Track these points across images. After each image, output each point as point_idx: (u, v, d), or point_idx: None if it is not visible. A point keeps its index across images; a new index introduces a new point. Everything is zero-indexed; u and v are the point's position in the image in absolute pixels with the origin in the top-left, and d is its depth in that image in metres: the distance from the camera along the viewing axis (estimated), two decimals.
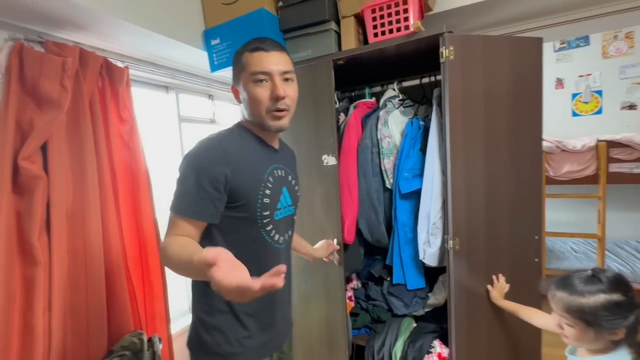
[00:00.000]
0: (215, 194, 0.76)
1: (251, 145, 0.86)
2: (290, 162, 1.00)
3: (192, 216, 0.76)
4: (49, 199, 1.02)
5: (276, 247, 0.89)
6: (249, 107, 0.84)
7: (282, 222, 0.89)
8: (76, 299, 1.10)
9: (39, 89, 0.97)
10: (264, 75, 0.80)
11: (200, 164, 0.77)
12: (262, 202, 0.83)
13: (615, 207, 2.98)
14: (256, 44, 0.83)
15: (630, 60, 3.08)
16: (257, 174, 0.83)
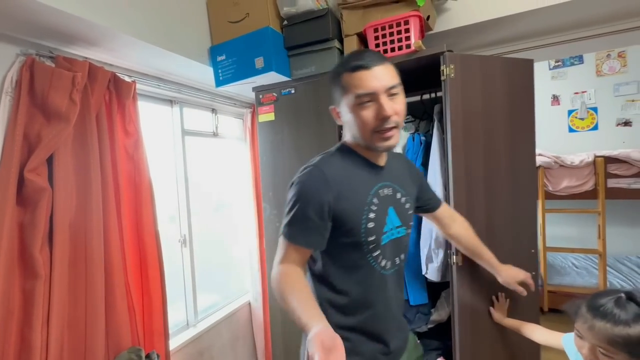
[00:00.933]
0: (320, 222, 0.76)
1: (354, 167, 0.82)
2: (401, 176, 0.92)
3: (300, 243, 0.77)
4: (52, 211, 1.02)
5: (383, 273, 0.83)
6: (354, 129, 0.80)
7: (389, 247, 0.84)
8: (75, 313, 1.09)
9: (48, 103, 0.99)
10: (369, 97, 0.75)
11: (303, 193, 0.77)
12: (366, 227, 0.79)
13: (615, 223, 2.99)
14: (355, 62, 0.76)
15: (624, 79, 3.16)
16: (360, 198, 0.80)
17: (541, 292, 2.69)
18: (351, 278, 0.82)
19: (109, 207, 1.17)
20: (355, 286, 0.82)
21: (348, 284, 0.81)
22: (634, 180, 2.41)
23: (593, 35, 1.53)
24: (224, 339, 1.93)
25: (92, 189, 1.12)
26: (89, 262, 1.11)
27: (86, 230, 1.11)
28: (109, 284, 1.17)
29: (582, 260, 3.05)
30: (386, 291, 0.84)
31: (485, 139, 1.21)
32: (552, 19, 1.40)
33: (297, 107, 1.46)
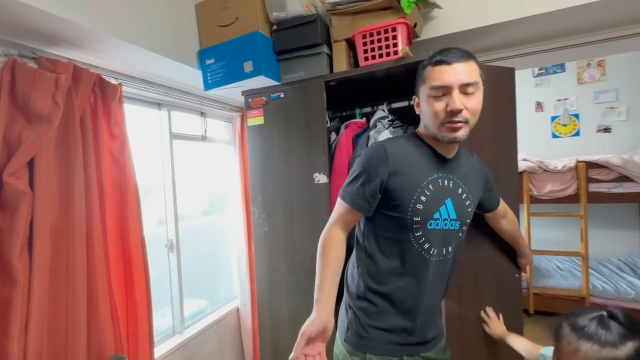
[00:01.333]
0: (370, 191, 0.85)
1: (417, 151, 0.89)
2: (467, 174, 0.94)
3: (350, 204, 0.88)
4: (32, 215, 0.99)
5: (426, 256, 0.88)
6: (426, 119, 0.87)
7: (437, 234, 0.88)
8: (55, 321, 1.05)
9: (30, 105, 0.97)
10: (442, 90, 0.80)
11: (366, 162, 0.87)
12: (415, 207, 0.84)
13: (596, 226, 3.09)
14: (440, 56, 0.82)
15: (604, 87, 3.28)
16: (416, 179, 0.85)
17: (526, 294, 2.74)
18: (390, 250, 0.89)
19: (92, 212, 1.14)
20: (392, 258, 0.89)
21: (386, 254, 0.90)
22: (613, 185, 2.49)
23: (574, 44, 1.58)
24: (212, 346, 1.90)
25: (75, 192, 1.09)
26: (70, 269, 1.08)
27: (68, 235, 1.08)
28: (92, 290, 1.14)
29: (566, 263, 3.13)
30: (426, 273, 0.89)
31: (469, 144, 1.24)
32: (535, 28, 1.44)
33: (286, 111, 1.46)
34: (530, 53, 1.66)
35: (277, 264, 1.51)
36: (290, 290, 1.48)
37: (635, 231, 3.16)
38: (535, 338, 2.66)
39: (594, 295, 2.58)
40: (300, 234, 1.46)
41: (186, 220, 1.97)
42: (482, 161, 1.05)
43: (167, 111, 1.70)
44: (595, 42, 1.55)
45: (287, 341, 1.48)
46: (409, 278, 0.89)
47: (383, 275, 0.90)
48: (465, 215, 0.92)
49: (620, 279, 2.71)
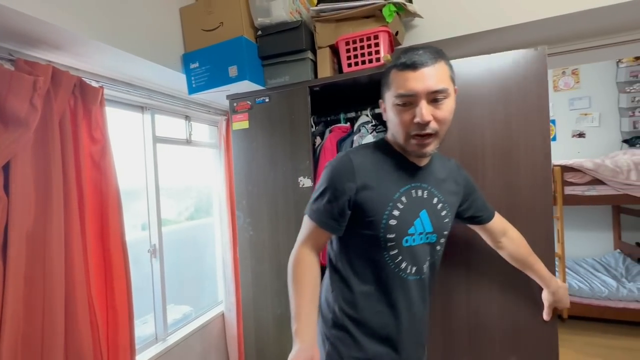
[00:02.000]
0: (337, 208, 0.78)
1: (386, 162, 0.81)
2: (443, 181, 0.86)
3: (317, 223, 0.81)
4: (7, 221, 0.96)
5: (403, 276, 0.81)
6: (393, 128, 0.80)
7: (414, 250, 0.80)
8: (30, 330, 1.02)
9: (6, 108, 0.94)
10: (408, 98, 0.72)
11: (330, 177, 0.80)
12: (387, 223, 0.77)
13: (572, 227, 3.21)
14: (405, 58, 0.72)
15: (578, 94, 3.44)
16: (387, 192, 0.79)
17: None
18: (365, 272, 0.82)
19: (71, 217, 1.12)
20: (368, 281, 0.82)
21: (360, 277, 0.83)
22: (587, 188, 2.60)
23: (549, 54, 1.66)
24: (196, 352, 1.87)
25: (53, 197, 1.06)
26: (47, 276, 1.05)
27: (45, 241, 1.05)
28: (70, 298, 1.11)
29: None
30: (404, 295, 0.82)
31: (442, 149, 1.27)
32: (513, 38, 1.50)
33: (271, 116, 1.47)
34: None
35: (262, 268, 1.51)
36: (275, 294, 1.48)
37: (608, 232, 3.30)
38: None
39: (570, 294, 2.67)
40: (286, 238, 1.46)
41: (170, 225, 1.95)
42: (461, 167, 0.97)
43: (151, 114, 1.68)
44: (569, 52, 1.63)
45: (272, 346, 1.48)
46: (387, 301, 0.82)
47: (359, 300, 0.82)
48: (442, 227, 0.84)
49: (595, 278, 2.82)
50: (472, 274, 1.17)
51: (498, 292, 1.14)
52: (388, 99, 0.79)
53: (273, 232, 1.48)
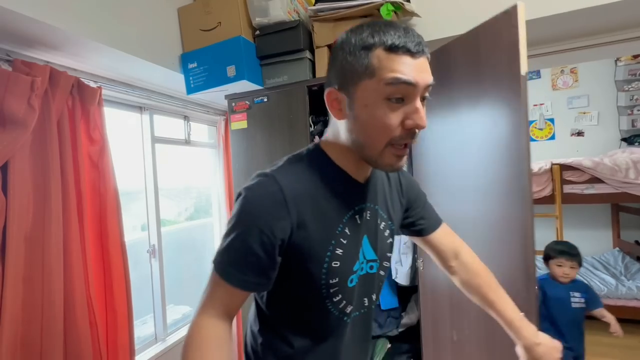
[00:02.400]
0: (266, 259, 0.55)
1: (326, 184, 0.60)
2: (386, 194, 0.71)
3: (233, 282, 0.56)
4: (6, 222, 0.96)
5: (344, 319, 0.65)
6: (363, 132, 0.56)
7: (357, 287, 0.65)
8: (29, 332, 1.02)
9: (4, 108, 0.94)
10: (406, 90, 0.52)
11: (251, 215, 0.55)
12: (330, 266, 0.59)
13: (571, 226, 3.21)
14: (400, 39, 0.50)
15: (576, 93, 3.44)
16: (329, 227, 0.60)
17: None
18: (301, 324, 0.65)
19: (70, 218, 1.12)
20: (304, 333, 0.65)
21: (296, 331, 0.65)
22: (586, 186, 2.60)
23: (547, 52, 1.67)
24: None
25: (52, 198, 1.06)
26: (46, 277, 1.05)
27: (44, 242, 1.05)
28: (69, 299, 1.11)
29: None
30: (343, 340, 0.67)
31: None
32: None
33: (269, 115, 1.47)
34: None
35: None
36: None
37: (607, 231, 3.31)
38: None
39: None
40: None
41: (169, 225, 1.95)
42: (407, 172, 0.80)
43: (149, 115, 1.68)
44: (567, 51, 1.63)
45: None
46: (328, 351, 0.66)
47: (297, 357, 0.65)
48: (385, 250, 0.70)
49: (594, 276, 2.83)
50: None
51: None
52: (368, 90, 0.53)
53: None
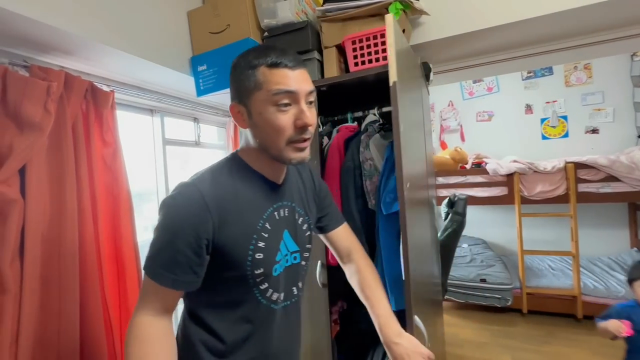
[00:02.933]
0: (194, 258, 0.62)
1: (245, 186, 0.70)
2: (301, 192, 0.82)
3: (166, 283, 0.62)
4: (24, 223, 0.99)
5: (273, 307, 0.72)
6: (263, 136, 0.68)
7: (282, 277, 0.73)
8: (47, 331, 1.04)
9: (21, 113, 0.97)
10: (289, 98, 0.65)
11: (176, 220, 0.62)
12: (254, 258, 0.67)
13: (586, 225, 3.14)
14: (276, 57, 0.65)
15: (590, 89, 3.36)
16: (249, 224, 0.68)
17: (520, 294, 2.77)
18: (231, 316, 0.70)
19: (85, 219, 1.14)
20: (236, 325, 0.70)
21: (227, 323, 0.69)
22: (601, 185, 2.54)
23: (560, 48, 1.63)
24: None
25: (67, 200, 1.09)
26: (62, 277, 1.07)
27: (60, 243, 1.07)
28: (85, 298, 1.13)
29: (558, 262, 3.17)
30: (274, 329, 0.73)
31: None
32: (523, 33, 1.48)
33: None
34: (518, 57, 1.71)
35: None
36: None
37: (624, 230, 3.22)
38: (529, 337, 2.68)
39: (586, 293, 2.62)
40: None
41: None
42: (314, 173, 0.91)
43: (160, 117, 1.71)
44: (580, 46, 1.59)
45: None
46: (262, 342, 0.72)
47: (229, 349, 0.69)
48: (304, 242, 0.79)
49: (611, 277, 2.75)
50: None
51: None
52: (257, 101, 0.65)
53: None
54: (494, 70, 1.95)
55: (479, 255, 3.26)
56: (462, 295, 2.81)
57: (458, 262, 3.12)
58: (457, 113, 3.96)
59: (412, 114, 1.28)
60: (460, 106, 3.95)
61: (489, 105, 3.80)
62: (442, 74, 1.85)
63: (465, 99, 3.92)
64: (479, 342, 2.52)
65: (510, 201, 2.83)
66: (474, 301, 2.77)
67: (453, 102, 3.97)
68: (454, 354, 2.37)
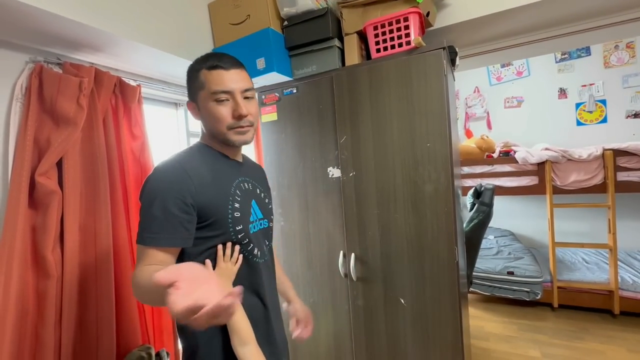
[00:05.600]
0: (184, 216, 0.72)
1: (213, 160, 0.84)
2: (258, 176, 0.98)
3: (164, 244, 0.70)
4: (63, 213, 1.05)
5: (256, 261, 0.86)
6: (210, 124, 0.83)
7: (258, 235, 0.88)
8: (86, 313, 1.11)
9: (57, 108, 1.02)
10: (225, 95, 0.80)
11: (162, 188, 0.72)
12: (233, 216, 0.80)
13: (626, 216, 2.95)
14: (214, 62, 0.81)
15: (633, 70, 3.11)
16: (224, 188, 0.81)
17: (550, 287, 2.66)
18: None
19: (117, 209, 1.20)
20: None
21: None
22: None
23: (598, 26, 1.51)
24: None
25: (101, 190, 1.14)
26: (98, 263, 1.14)
27: (96, 231, 1.13)
28: (119, 284, 1.19)
29: (593, 256, 3.01)
30: (263, 284, 0.87)
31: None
32: (554, 11, 1.38)
33: (299, 107, 1.47)
34: (551, 37, 1.60)
35: (293, 258, 1.54)
36: (307, 283, 1.51)
37: None
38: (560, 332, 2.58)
39: (623, 288, 2.47)
40: (316, 228, 1.47)
41: None
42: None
43: (184, 110, 1.75)
44: (623, 23, 1.47)
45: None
46: (254, 293, 0.85)
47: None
48: (269, 213, 0.95)
49: None
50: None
51: None
52: (203, 98, 0.82)
53: (303, 222, 1.50)
54: (524, 53, 1.84)
55: (506, 247, 3.15)
56: (488, 288, 2.73)
57: (484, 254, 3.02)
58: (483, 99, 3.79)
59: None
60: (487, 92, 3.77)
61: (519, 90, 3.60)
62: (469, 57, 1.77)
63: (492, 85, 3.74)
64: (506, 335, 2.45)
65: (540, 191, 2.70)
66: (500, 294, 2.69)
67: (479, 88, 3.80)
68: (479, 347, 2.32)
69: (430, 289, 1.27)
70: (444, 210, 1.22)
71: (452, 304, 1.23)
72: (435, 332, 1.27)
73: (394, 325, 1.35)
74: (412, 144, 1.26)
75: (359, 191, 1.38)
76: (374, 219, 1.35)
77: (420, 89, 1.23)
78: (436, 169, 1.22)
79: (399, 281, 1.32)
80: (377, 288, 1.37)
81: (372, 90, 1.31)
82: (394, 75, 1.26)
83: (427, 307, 1.28)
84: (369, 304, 1.39)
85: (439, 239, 1.24)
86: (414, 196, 1.27)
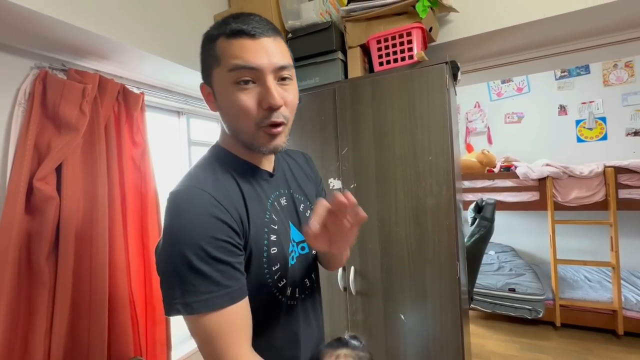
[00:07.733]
0: (233, 259, 0.51)
1: (241, 177, 0.60)
2: (296, 176, 0.73)
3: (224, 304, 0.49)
4: (59, 219, 1.04)
5: (293, 304, 0.64)
6: (230, 120, 0.58)
7: (296, 271, 0.65)
8: (78, 323, 1.08)
9: (59, 114, 1.02)
10: (250, 74, 0.53)
11: (196, 231, 0.49)
12: (269, 254, 0.58)
13: (628, 235, 2.92)
14: (237, 24, 0.53)
15: (632, 88, 3.14)
16: (257, 215, 0.58)
17: (552, 306, 2.61)
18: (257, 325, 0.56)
19: (115, 217, 1.18)
20: (262, 333, 0.59)
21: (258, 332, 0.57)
22: None
23: (597, 45, 1.53)
24: None
25: (99, 198, 1.13)
26: (93, 272, 1.11)
27: (92, 239, 1.11)
28: (113, 293, 1.17)
29: (595, 274, 2.97)
30: (300, 326, 0.65)
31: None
32: (555, 30, 1.40)
33: (301, 117, 1.47)
34: (551, 55, 1.62)
35: None
36: None
37: None
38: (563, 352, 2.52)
39: (627, 308, 2.43)
40: None
41: None
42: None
43: (186, 119, 1.75)
44: (621, 42, 1.49)
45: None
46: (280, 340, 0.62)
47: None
48: None
49: None
50: None
51: None
52: (218, 79, 0.55)
53: None
54: (525, 69, 1.86)
55: (507, 263, 3.11)
56: (489, 305, 2.68)
57: (485, 270, 2.98)
58: (484, 114, 3.82)
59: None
60: (488, 107, 3.80)
61: (519, 106, 3.63)
62: (470, 73, 1.78)
63: (492, 100, 3.77)
64: (507, 354, 2.39)
65: (541, 207, 2.68)
66: (501, 311, 2.64)
67: (480, 103, 3.84)
68: None
69: (431, 305, 1.24)
70: (446, 224, 1.20)
71: (454, 320, 1.20)
72: (437, 350, 1.24)
73: (394, 341, 1.31)
74: (414, 157, 1.25)
75: (360, 203, 1.35)
76: (375, 231, 1.33)
77: (422, 103, 1.23)
78: (438, 183, 1.21)
79: (400, 296, 1.30)
80: (376, 303, 1.34)
81: (375, 103, 1.31)
82: (397, 88, 1.27)
83: (428, 323, 1.25)
84: (369, 319, 1.36)
85: (441, 254, 1.22)
86: (416, 209, 1.25)
